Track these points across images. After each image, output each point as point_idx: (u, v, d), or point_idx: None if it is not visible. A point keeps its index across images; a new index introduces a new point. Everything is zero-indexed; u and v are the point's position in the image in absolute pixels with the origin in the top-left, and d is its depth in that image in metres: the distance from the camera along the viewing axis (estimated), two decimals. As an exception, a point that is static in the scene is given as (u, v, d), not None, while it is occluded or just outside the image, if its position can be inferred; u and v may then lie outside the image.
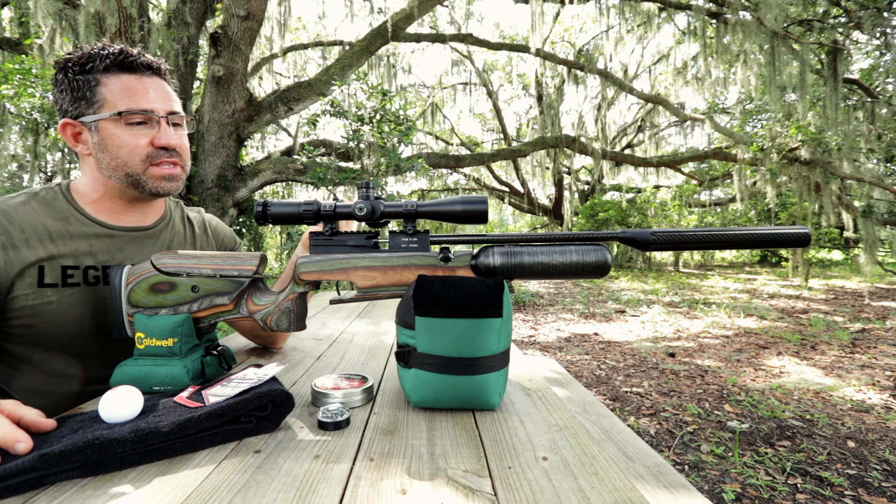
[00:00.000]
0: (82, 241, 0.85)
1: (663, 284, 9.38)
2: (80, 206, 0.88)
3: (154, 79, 0.88)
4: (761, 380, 3.29)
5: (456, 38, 8.26)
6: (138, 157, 0.85)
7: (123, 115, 0.83)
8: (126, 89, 0.84)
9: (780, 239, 0.72)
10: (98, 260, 0.86)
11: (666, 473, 1.27)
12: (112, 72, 0.84)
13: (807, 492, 1.88)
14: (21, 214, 0.81)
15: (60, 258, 0.82)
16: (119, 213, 0.92)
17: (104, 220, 0.90)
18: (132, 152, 0.84)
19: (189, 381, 0.72)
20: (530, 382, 0.82)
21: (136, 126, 0.85)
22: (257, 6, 5.45)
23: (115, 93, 0.83)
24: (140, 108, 0.84)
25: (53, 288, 0.81)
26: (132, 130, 0.84)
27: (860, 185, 7.50)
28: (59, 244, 0.83)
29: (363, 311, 1.69)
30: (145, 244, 0.94)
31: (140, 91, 0.85)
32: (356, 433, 0.60)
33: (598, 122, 11.90)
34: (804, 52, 6.41)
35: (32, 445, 0.51)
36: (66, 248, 0.83)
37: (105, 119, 0.83)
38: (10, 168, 7.31)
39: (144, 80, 0.86)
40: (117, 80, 0.84)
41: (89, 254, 0.85)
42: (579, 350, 4.25)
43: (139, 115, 0.84)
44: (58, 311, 0.81)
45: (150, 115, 0.85)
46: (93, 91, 0.83)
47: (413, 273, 0.75)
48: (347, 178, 5.45)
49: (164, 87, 0.89)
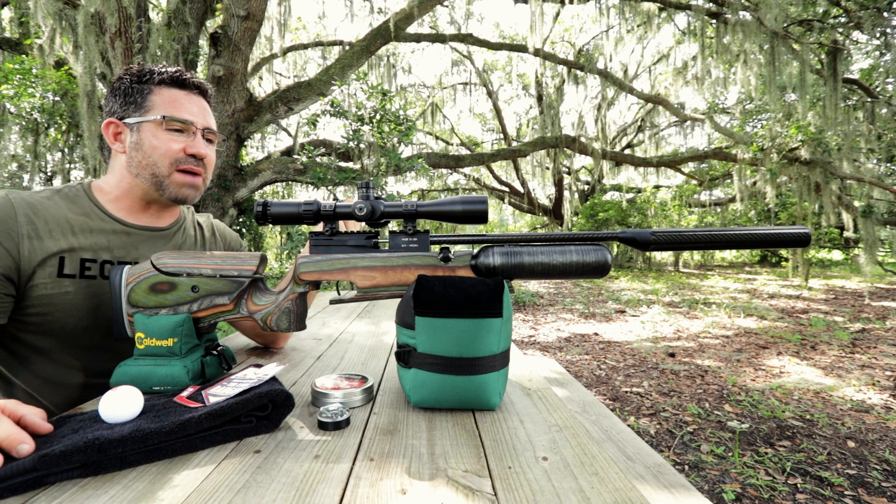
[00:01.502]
0: (101, 236, 0.90)
1: (663, 284, 9.38)
2: (100, 203, 0.94)
3: (199, 98, 0.98)
4: (761, 380, 3.29)
5: (456, 38, 8.26)
6: (168, 160, 0.92)
7: (166, 120, 0.91)
8: (173, 100, 0.93)
9: (780, 239, 0.72)
10: (115, 255, 0.91)
11: (666, 473, 1.27)
12: (165, 85, 0.94)
13: (807, 492, 1.88)
14: (46, 207, 0.86)
15: (80, 251, 0.86)
16: (137, 213, 0.97)
17: (123, 217, 0.95)
18: (165, 154, 0.92)
19: (189, 381, 0.72)
20: (530, 382, 0.82)
21: (174, 133, 0.93)
22: (257, 6, 5.45)
23: (163, 101, 0.92)
24: (182, 117, 0.92)
25: (71, 279, 0.85)
26: (170, 135, 0.92)
27: (860, 185, 7.50)
28: (80, 237, 0.87)
29: (363, 311, 1.69)
30: (159, 244, 0.99)
31: (185, 104, 0.94)
32: (356, 433, 0.60)
33: (598, 122, 11.90)
34: (804, 52, 6.41)
35: (35, 447, 0.51)
36: (85, 242, 0.88)
37: (149, 121, 0.91)
38: (10, 168, 7.31)
39: (191, 97, 0.96)
40: (168, 91, 0.93)
41: (107, 248, 0.90)
42: (579, 350, 4.25)
43: (179, 123, 0.92)
44: (74, 302, 0.84)
45: (189, 125, 0.93)
46: (144, 97, 0.92)
47: (413, 273, 0.75)
48: (347, 178, 5.46)
49: (206, 107, 1.00)
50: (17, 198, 0.84)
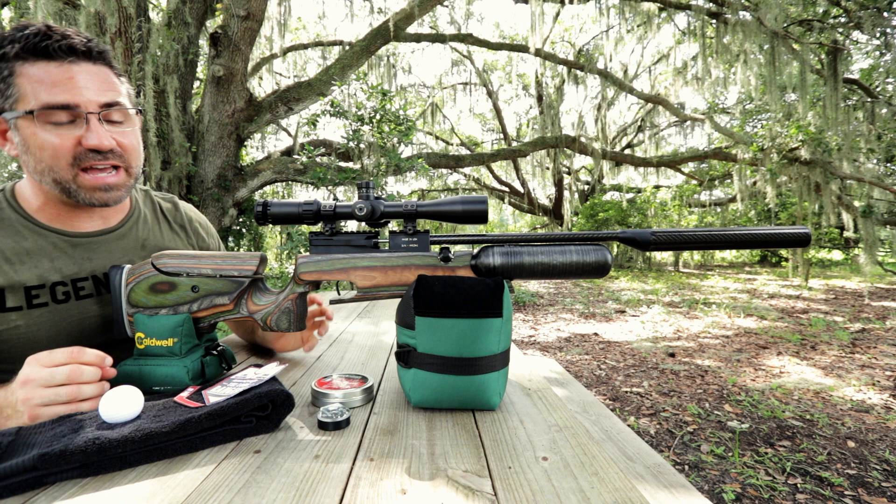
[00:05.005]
0: (41, 257, 0.77)
1: (663, 284, 9.37)
2: (29, 213, 0.79)
3: (85, 65, 0.72)
4: (761, 380, 3.29)
5: (456, 38, 8.26)
6: (64, 161, 0.72)
7: (37, 114, 0.69)
8: (43, 80, 0.69)
9: (780, 239, 0.72)
10: (64, 275, 0.78)
11: (666, 473, 1.27)
12: (28, 59, 0.69)
13: (807, 492, 1.88)
14: None
15: (22, 280, 0.74)
16: (72, 220, 0.81)
17: (59, 227, 0.80)
18: (56, 155, 0.71)
19: (189, 381, 0.72)
20: (530, 382, 0.82)
21: (59, 125, 0.71)
22: (257, 6, 5.45)
23: (30, 85, 0.69)
24: (58, 102, 0.69)
25: (18, 311, 0.74)
26: (56, 129, 0.71)
27: (860, 185, 7.50)
28: (17, 265, 0.74)
29: (363, 311, 1.69)
30: (115, 248, 0.85)
31: (62, 82, 0.70)
32: (356, 433, 0.60)
33: (598, 122, 11.89)
34: (804, 52, 6.41)
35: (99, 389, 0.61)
36: (24, 269, 0.75)
37: (19, 117, 0.70)
38: (10, 168, 7.31)
39: (70, 68, 0.70)
40: (34, 68, 0.69)
41: (53, 270, 0.77)
42: (579, 350, 4.25)
43: (60, 112, 0.70)
44: (27, 335, 0.75)
45: (73, 110, 0.71)
46: (7, 83, 0.70)
47: (413, 273, 0.75)
48: (347, 178, 5.45)
49: (100, 74, 0.74)
50: None
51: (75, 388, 0.61)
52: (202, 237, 1.04)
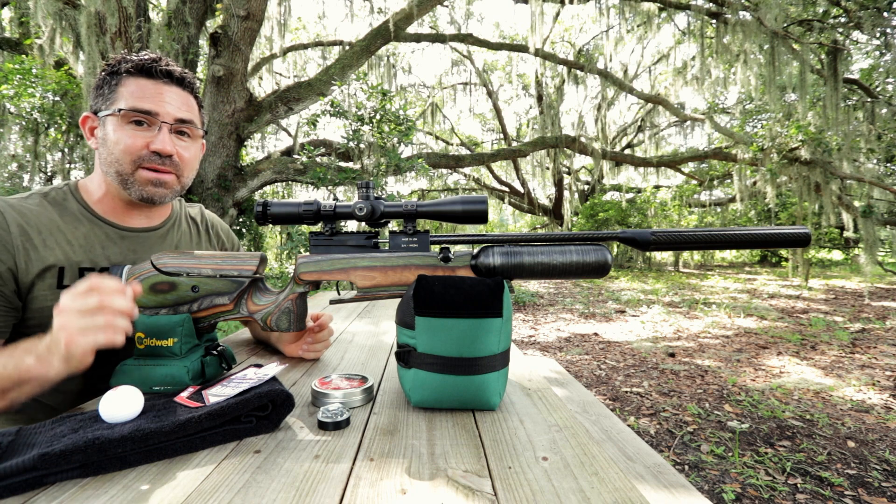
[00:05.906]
0: (95, 243, 0.88)
1: (663, 284, 9.37)
2: (88, 205, 0.90)
3: (175, 88, 0.88)
4: (761, 380, 3.29)
5: (456, 38, 8.26)
6: (130, 157, 0.85)
7: (122, 113, 0.83)
8: (136, 91, 0.85)
9: (780, 239, 0.72)
10: (112, 262, 0.88)
11: (666, 473, 1.27)
12: (133, 74, 0.85)
13: (807, 492, 1.88)
14: (37, 216, 0.83)
15: (78, 261, 0.84)
16: (123, 214, 0.93)
17: (113, 220, 0.92)
18: (126, 151, 0.84)
19: (189, 381, 0.72)
20: (530, 382, 0.82)
21: (138, 127, 0.85)
22: (257, 6, 5.45)
23: (128, 93, 0.84)
24: (143, 107, 0.84)
25: None
26: (133, 130, 0.84)
27: (860, 185, 7.50)
28: (76, 246, 0.85)
29: (363, 311, 1.69)
30: (156, 245, 0.96)
31: (152, 95, 0.85)
32: (356, 433, 0.60)
33: (598, 122, 11.89)
34: (804, 52, 6.41)
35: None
36: (82, 251, 0.85)
37: (110, 114, 0.84)
38: (10, 168, 7.30)
39: (162, 87, 0.86)
40: (135, 82, 0.85)
41: (104, 256, 0.88)
42: (579, 350, 4.25)
43: (140, 115, 0.84)
44: None
45: (150, 117, 0.84)
46: (112, 89, 0.85)
47: (413, 273, 0.75)
48: (347, 178, 5.45)
49: (184, 98, 0.90)
50: (6, 207, 0.81)
51: (111, 318, 0.63)
52: (223, 241, 1.15)
